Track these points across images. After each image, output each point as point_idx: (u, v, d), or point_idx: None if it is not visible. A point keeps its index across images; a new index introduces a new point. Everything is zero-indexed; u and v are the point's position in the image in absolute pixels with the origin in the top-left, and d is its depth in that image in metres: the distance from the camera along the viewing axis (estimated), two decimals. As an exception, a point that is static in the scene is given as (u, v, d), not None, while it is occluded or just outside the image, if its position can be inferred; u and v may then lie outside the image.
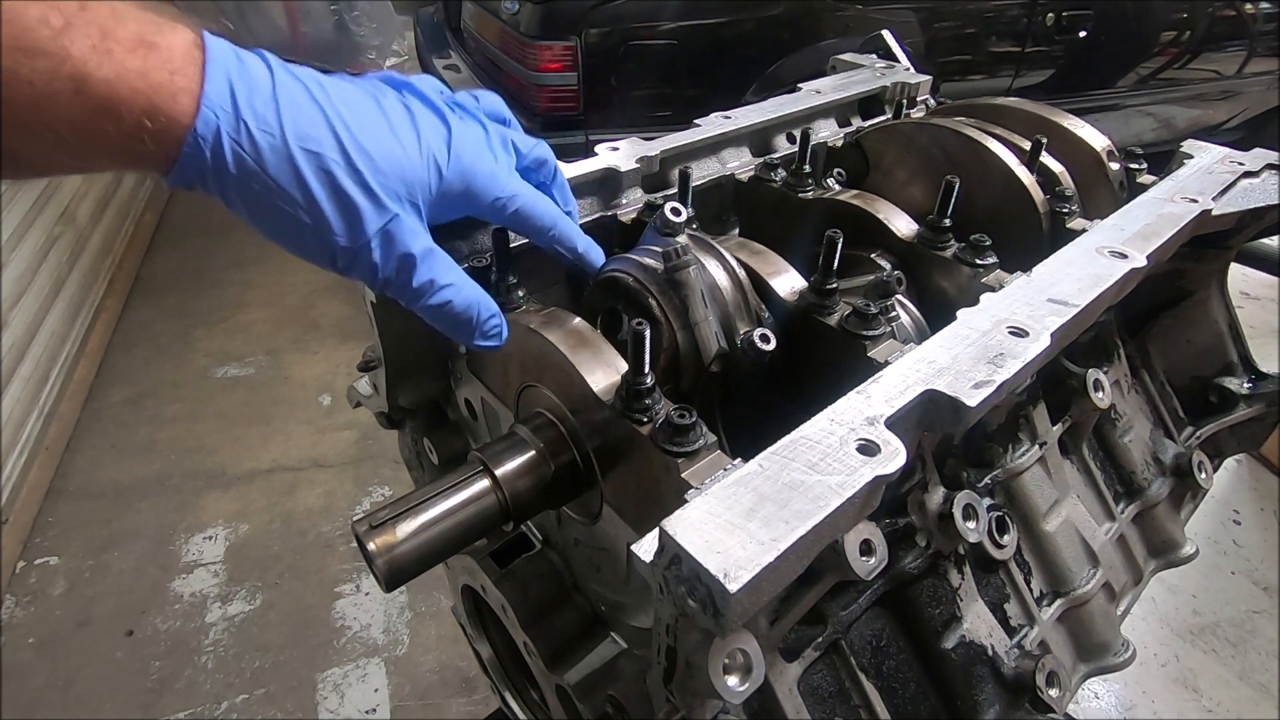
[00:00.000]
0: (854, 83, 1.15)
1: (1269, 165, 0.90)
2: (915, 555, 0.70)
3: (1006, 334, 0.56)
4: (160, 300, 3.71)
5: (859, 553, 0.51)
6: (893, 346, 0.62)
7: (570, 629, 0.70)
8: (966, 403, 0.49)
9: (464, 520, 0.59)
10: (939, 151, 0.90)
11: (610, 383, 0.57)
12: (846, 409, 0.48)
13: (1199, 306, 1.04)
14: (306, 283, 3.86)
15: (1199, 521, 1.14)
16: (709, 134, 0.95)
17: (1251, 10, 3.66)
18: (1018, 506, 0.80)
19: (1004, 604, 0.78)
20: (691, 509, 0.41)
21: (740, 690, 0.44)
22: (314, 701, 2.07)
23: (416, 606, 2.32)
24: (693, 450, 0.51)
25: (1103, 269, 0.65)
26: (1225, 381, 1.06)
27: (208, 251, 4.12)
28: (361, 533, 0.55)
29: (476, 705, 2.06)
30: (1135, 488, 0.95)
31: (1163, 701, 2.14)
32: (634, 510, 0.59)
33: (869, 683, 0.68)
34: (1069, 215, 0.84)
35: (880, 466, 0.43)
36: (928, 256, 0.78)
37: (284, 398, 3.13)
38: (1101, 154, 0.93)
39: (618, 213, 0.86)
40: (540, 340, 0.61)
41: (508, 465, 0.60)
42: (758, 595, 0.38)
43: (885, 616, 0.71)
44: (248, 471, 2.74)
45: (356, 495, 2.68)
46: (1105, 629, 0.86)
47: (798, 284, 0.71)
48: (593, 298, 0.73)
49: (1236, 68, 3.79)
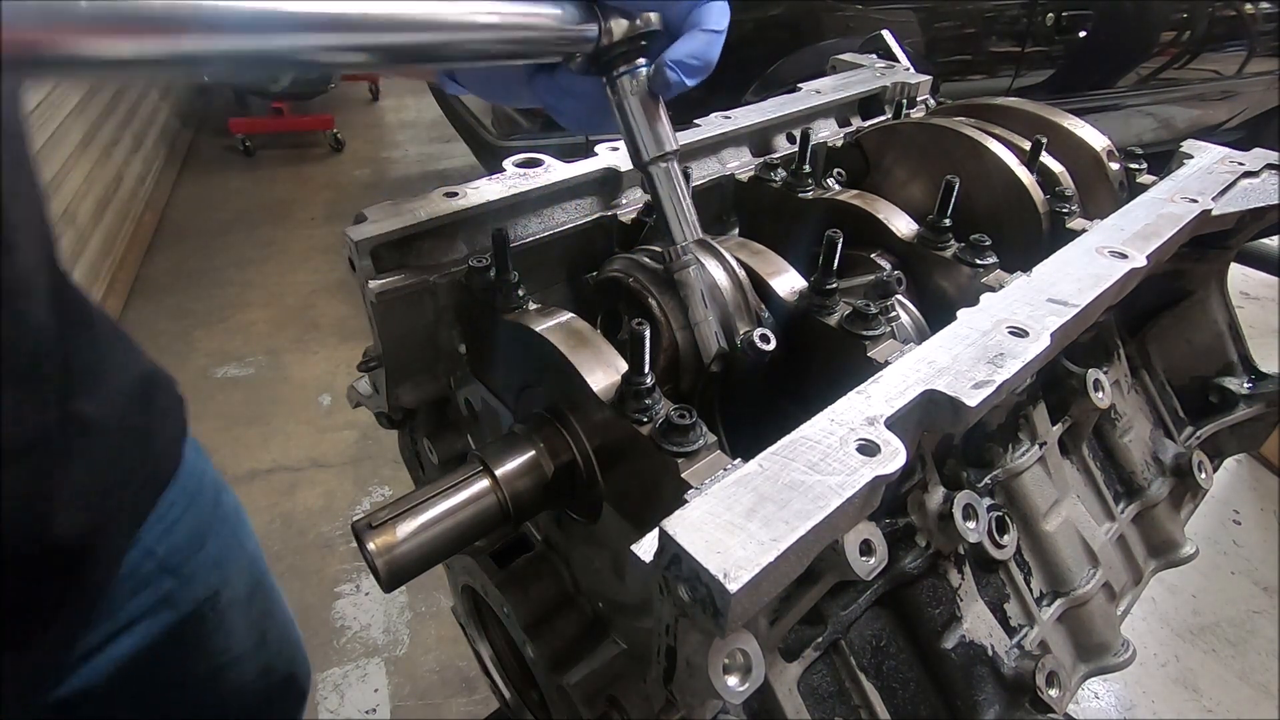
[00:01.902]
0: (854, 83, 1.15)
1: (1269, 165, 0.90)
2: (915, 555, 0.70)
3: (1006, 334, 0.56)
4: (160, 300, 3.71)
5: (859, 553, 0.51)
6: (893, 346, 0.62)
7: (570, 629, 0.70)
8: (966, 403, 0.49)
9: (464, 520, 0.59)
10: (939, 151, 0.90)
11: (610, 383, 0.57)
12: (846, 409, 0.48)
13: (1199, 306, 1.04)
14: (306, 283, 3.87)
15: (1199, 521, 1.14)
16: (709, 134, 0.95)
17: (1251, 10, 3.66)
18: (1018, 506, 0.80)
19: (1004, 604, 0.78)
20: (691, 509, 0.41)
21: (740, 690, 0.44)
22: (314, 701, 2.07)
23: (416, 606, 2.32)
24: (692, 450, 0.51)
25: (1103, 269, 0.65)
26: (1225, 381, 1.06)
27: (208, 251, 4.13)
28: (361, 533, 0.55)
29: (476, 705, 2.05)
30: (1135, 488, 0.95)
31: (1163, 701, 2.14)
32: (634, 510, 0.59)
33: (869, 683, 0.68)
34: (1069, 215, 0.84)
35: (880, 467, 0.43)
36: (928, 256, 0.78)
37: (284, 398, 3.13)
38: (1101, 154, 0.93)
39: (618, 213, 0.86)
40: (540, 340, 0.61)
41: (508, 465, 0.60)
42: (758, 595, 0.38)
43: (885, 616, 0.72)
44: (248, 471, 2.74)
45: (356, 495, 2.68)
46: (1105, 629, 0.86)
47: (798, 284, 0.71)
48: (592, 297, 0.74)
49: (1236, 68, 3.79)
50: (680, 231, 0.66)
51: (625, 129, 0.63)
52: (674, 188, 0.65)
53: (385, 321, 0.73)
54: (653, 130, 0.63)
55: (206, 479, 0.89)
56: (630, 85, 0.61)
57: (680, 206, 0.65)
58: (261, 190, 4.86)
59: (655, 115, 0.63)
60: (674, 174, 0.65)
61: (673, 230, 0.66)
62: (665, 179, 0.65)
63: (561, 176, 0.81)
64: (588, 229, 0.84)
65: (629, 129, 0.63)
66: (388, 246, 0.71)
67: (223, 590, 0.88)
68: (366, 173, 5.20)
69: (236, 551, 0.94)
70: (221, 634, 0.90)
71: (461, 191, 0.76)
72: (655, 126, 0.63)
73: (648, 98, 0.62)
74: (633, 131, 0.63)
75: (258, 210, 4.58)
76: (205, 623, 0.87)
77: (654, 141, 0.63)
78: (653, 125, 0.63)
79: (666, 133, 0.63)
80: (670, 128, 0.64)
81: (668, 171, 0.64)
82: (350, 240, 0.69)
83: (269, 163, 5.24)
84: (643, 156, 0.64)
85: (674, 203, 0.65)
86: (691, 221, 0.66)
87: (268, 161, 5.25)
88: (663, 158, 0.64)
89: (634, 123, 0.62)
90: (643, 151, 0.63)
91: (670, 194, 0.65)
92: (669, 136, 0.64)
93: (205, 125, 5.69)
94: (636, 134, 0.63)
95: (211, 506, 0.89)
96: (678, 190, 0.65)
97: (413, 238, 0.73)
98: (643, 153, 0.63)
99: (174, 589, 0.82)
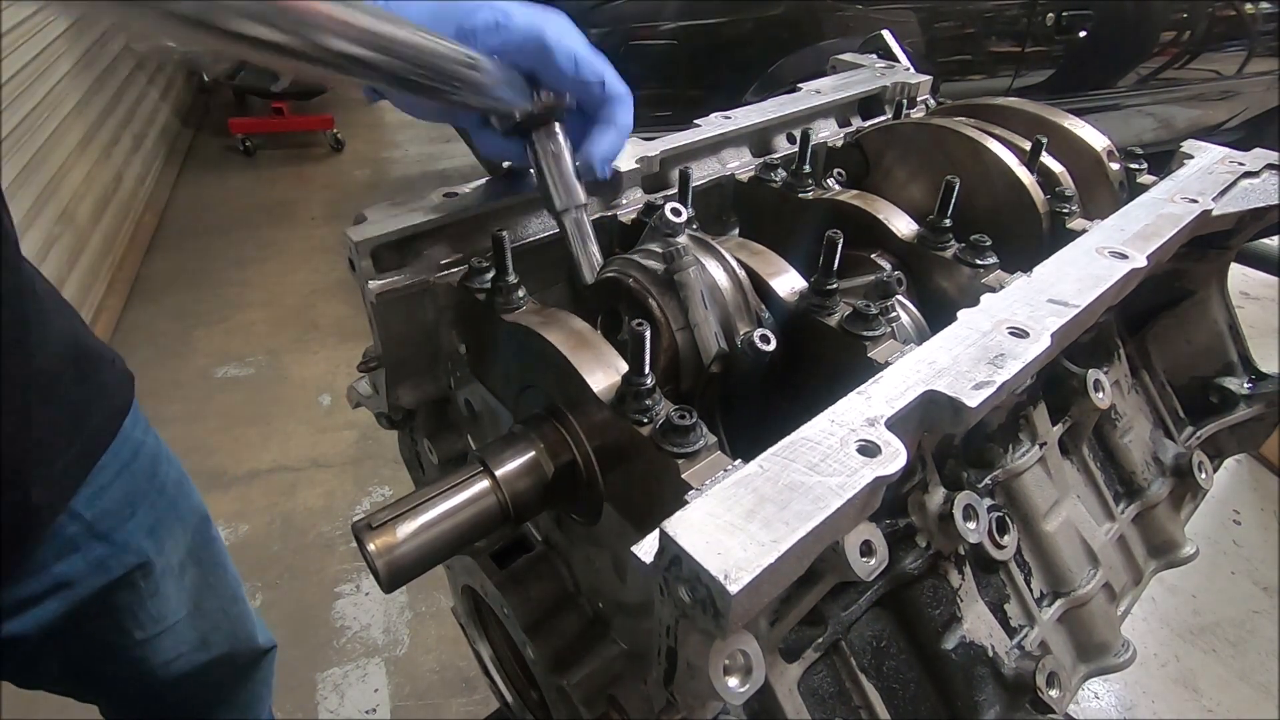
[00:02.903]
0: (854, 83, 1.15)
1: (1269, 165, 0.90)
2: (915, 556, 0.70)
3: (1007, 334, 0.56)
4: (160, 300, 3.71)
5: (859, 553, 0.51)
6: (893, 347, 0.62)
7: (571, 630, 0.70)
8: (967, 403, 0.49)
9: (464, 521, 0.59)
10: (939, 152, 0.90)
11: (610, 383, 0.56)
12: (847, 410, 0.48)
13: (1199, 306, 1.04)
14: (306, 283, 3.87)
15: (1199, 521, 1.14)
16: (709, 134, 0.95)
17: (1251, 10, 3.66)
18: (1018, 507, 0.80)
19: (1004, 604, 0.78)
20: (692, 510, 0.41)
21: (741, 691, 0.44)
22: (314, 701, 2.07)
23: (417, 606, 2.32)
24: (693, 451, 0.51)
25: (1103, 269, 0.65)
26: (1225, 381, 1.06)
27: (208, 252, 4.13)
28: (361, 534, 0.55)
29: (476, 705, 2.06)
30: (1135, 488, 0.95)
31: (1163, 702, 2.14)
32: (634, 511, 0.59)
33: (869, 683, 0.68)
34: (1069, 215, 0.84)
35: (880, 467, 0.43)
36: (928, 257, 0.78)
37: (284, 398, 3.13)
38: (1101, 154, 0.93)
39: (618, 213, 0.86)
40: (540, 340, 0.61)
41: (508, 466, 0.60)
42: (758, 597, 0.38)
43: (885, 617, 0.71)
44: (248, 471, 2.74)
45: (356, 495, 2.68)
46: (1105, 629, 0.86)
47: (798, 284, 0.71)
48: (592, 298, 0.74)
49: (1236, 68, 3.79)
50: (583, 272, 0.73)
51: (540, 181, 0.72)
52: (582, 234, 0.74)
53: (385, 322, 0.73)
54: (564, 183, 0.72)
55: (144, 449, 0.92)
56: (548, 145, 0.71)
57: (587, 250, 0.74)
58: (262, 190, 4.87)
59: (566, 170, 0.72)
60: (583, 221, 0.74)
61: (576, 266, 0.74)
62: (576, 227, 0.74)
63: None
64: (588, 229, 0.84)
65: (543, 181, 0.72)
66: (388, 247, 0.71)
67: (155, 559, 0.91)
68: (367, 173, 5.20)
69: (173, 522, 0.96)
70: (155, 602, 0.92)
71: (461, 192, 0.76)
72: (567, 180, 0.72)
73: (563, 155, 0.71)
74: (547, 183, 0.72)
75: (258, 210, 4.58)
76: (136, 590, 0.90)
77: (566, 192, 0.72)
78: (564, 178, 0.72)
79: (576, 186, 0.73)
80: (578, 182, 0.73)
81: (577, 220, 0.74)
82: (350, 241, 0.69)
83: (269, 163, 5.24)
84: (555, 205, 0.72)
85: (580, 246, 0.74)
86: (594, 261, 0.74)
87: (268, 161, 5.25)
88: (577, 208, 0.73)
89: (549, 176, 0.72)
90: (556, 200, 0.72)
91: (577, 239, 0.74)
92: (578, 189, 0.73)
93: (205, 125, 5.69)
94: (551, 185, 0.72)
95: (147, 477, 0.92)
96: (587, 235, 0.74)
97: (413, 238, 0.73)
98: (556, 201, 0.72)
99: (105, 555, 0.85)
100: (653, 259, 0.70)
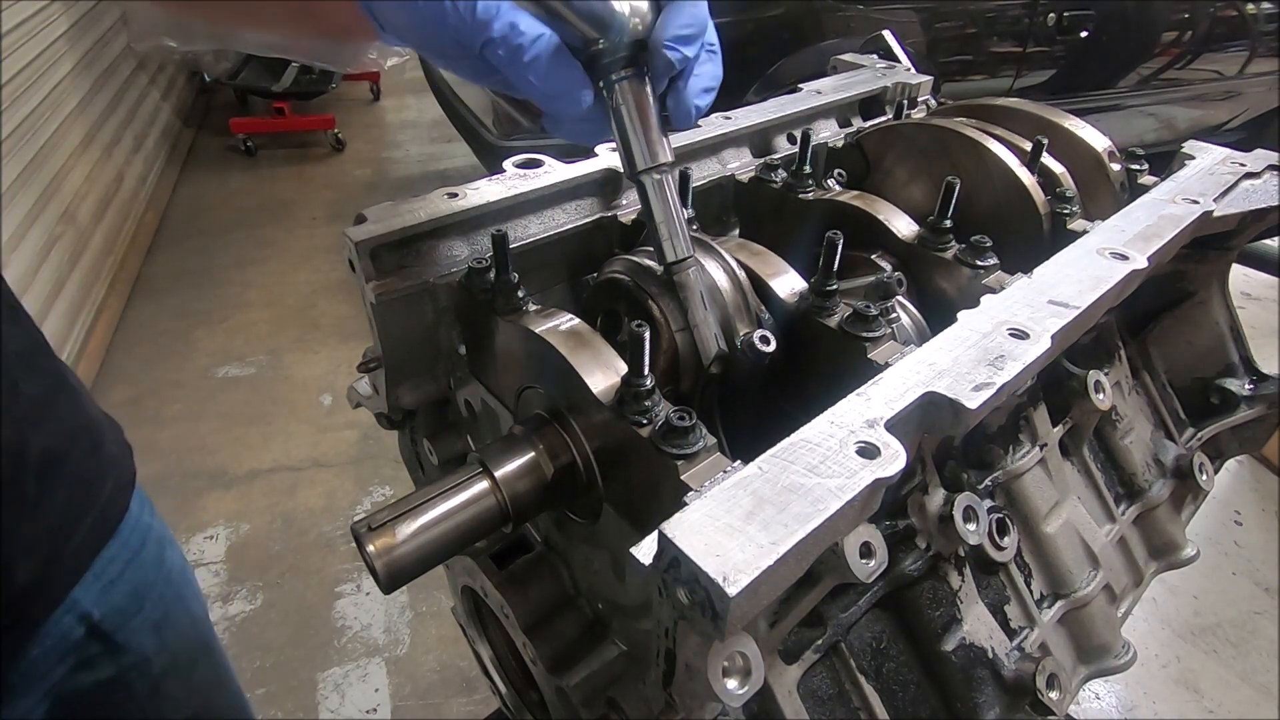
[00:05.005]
0: (854, 83, 1.15)
1: (1270, 166, 0.90)
2: (915, 557, 0.70)
3: (1007, 336, 0.56)
4: (161, 300, 3.72)
5: (859, 555, 0.51)
6: (893, 348, 0.62)
7: (570, 631, 0.70)
8: (967, 405, 0.49)
9: (463, 522, 0.59)
10: (940, 152, 0.90)
11: (610, 384, 0.56)
12: (846, 411, 0.48)
13: (1200, 307, 1.04)
14: (307, 283, 3.87)
15: (1200, 522, 1.14)
16: (709, 134, 0.94)
17: (1253, 11, 3.66)
18: (1018, 508, 0.80)
19: (1004, 606, 0.78)
20: (691, 512, 0.41)
21: (740, 693, 0.44)
22: (314, 701, 2.07)
23: (417, 606, 2.32)
24: (692, 452, 0.51)
25: (1103, 270, 0.65)
26: (1226, 383, 1.06)
27: (209, 251, 4.13)
28: (361, 534, 0.55)
29: (476, 705, 2.06)
30: (1136, 489, 0.95)
31: (1164, 702, 2.14)
32: (634, 512, 0.59)
33: (869, 685, 0.68)
34: (1070, 216, 0.83)
35: (880, 469, 0.43)
36: (928, 258, 0.78)
37: (285, 397, 3.13)
38: (1102, 155, 0.93)
39: (618, 213, 0.86)
40: (540, 341, 0.61)
41: (507, 467, 0.60)
42: (757, 598, 0.38)
43: (885, 619, 0.71)
44: (248, 471, 2.74)
45: (357, 495, 2.68)
46: (1106, 631, 0.86)
47: (798, 285, 0.71)
48: (592, 299, 0.73)
49: (1238, 68, 3.78)
50: (671, 249, 0.63)
51: (619, 136, 0.60)
52: (667, 201, 0.62)
53: (385, 322, 0.73)
54: (647, 139, 0.60)
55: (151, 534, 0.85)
56: (629, 92, 0.58)
57: (673, 221, 0.62)
58: (263, 190, 4.86)
59: (650, 124, 0.59)
60: (668, 186, 0.62)
61: (664, 247, 0.63)
62: (658, 191, 0.62)
63: (562, 177, 0.81)
64: (588, 230, 0.84)
65: (623, 136, 0.60)
66: (388, 247, 0.71)
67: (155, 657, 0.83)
68: (367, 173, 5.20)
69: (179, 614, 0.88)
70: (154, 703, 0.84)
71: (462, 192, 0.76)
72: (649, 135, 0.60)
73: (645, 105, 0.59)
74: (627, 139, 0.60)
75: (259, 210, 4.58)
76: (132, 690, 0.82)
77: (648, 152, 0.60)
78: (647, 134, 0.59)
79: (661, 143, 0.60)
80: (666, 139, 0.61)
81: (660, 184, 0.62)
82: (350, 241, 0.69)
83: (270, 163, 5.24)
84: (635, 166, 0.61)
85: (666, 217, 0.62)
86: (684, 237, 0.63)
87: (269, 161, 5.25)
88: (656, 168, 0.61)
89: (629, 130, 0.59)
90: (637, 160, 0.60)
91: (662, 208, 0.62)
92: (664, 147, 0.60)
93: (207, 125, 5.69)
94: (632, 141, 0.60)
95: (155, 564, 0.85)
96: (671, 204, 0.62)
97: (413, 238, 0.73)
98: (637, 161, 0.60)
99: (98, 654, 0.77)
100: (652, 260, 0.70)
